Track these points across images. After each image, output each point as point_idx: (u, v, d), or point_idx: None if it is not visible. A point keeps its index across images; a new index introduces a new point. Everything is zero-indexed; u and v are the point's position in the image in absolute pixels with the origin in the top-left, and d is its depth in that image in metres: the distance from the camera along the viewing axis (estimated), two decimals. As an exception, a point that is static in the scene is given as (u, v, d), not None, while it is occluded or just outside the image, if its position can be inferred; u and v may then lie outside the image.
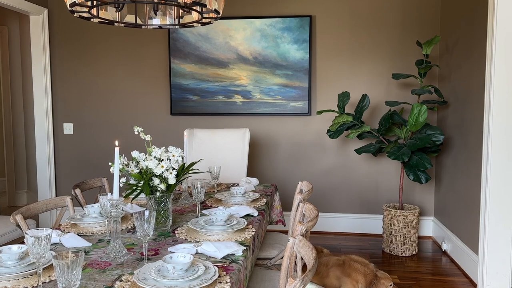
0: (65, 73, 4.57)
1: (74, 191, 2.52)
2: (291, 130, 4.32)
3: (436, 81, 4.10)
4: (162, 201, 1.94)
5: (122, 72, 4.49)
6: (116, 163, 1.62)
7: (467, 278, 3.25)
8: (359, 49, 4.17)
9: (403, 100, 4.07)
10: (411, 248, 3.74)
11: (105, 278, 1.42)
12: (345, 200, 4.33)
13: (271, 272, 2.21)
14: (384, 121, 3.71)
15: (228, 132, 3.59)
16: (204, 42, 4.28)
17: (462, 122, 3.47)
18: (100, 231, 1.95)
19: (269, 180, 4.36)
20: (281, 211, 2.99)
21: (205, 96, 4.34)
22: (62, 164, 4.67)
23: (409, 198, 4.24)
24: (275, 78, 4.23)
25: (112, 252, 1.61)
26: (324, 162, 4.31)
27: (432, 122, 4.12)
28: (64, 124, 4.62)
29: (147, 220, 1.54)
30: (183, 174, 1.96)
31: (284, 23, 4.17)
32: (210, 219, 1.96)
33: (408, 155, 3.40)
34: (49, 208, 2.19)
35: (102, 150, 4.58)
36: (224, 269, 1.50)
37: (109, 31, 4.45)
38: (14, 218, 1.90)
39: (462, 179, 3.46)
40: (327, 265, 3.00)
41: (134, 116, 4.51)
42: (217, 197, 2.56)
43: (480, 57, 3.09)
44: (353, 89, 4.18)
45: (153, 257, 1.62)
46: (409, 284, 3.15)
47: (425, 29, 4.06)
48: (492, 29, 2.88)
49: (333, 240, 4.14)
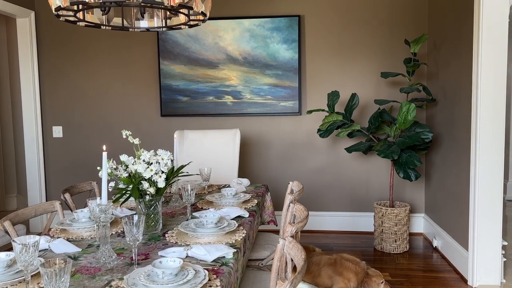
0: (53, 76, 4.53)
1: (64, 196, 2.50)
2: (282, 130, 4.32)
3: (424, 79, 4.13)
4: (152, 204, 1.94)
5: (112, 74, 4.47)
6: (104, 168, 1.62)
7: (457, 274, 3.28)
8: (348, 48, 4.19)
9: (392, 99, 4.09)
10: (402, 245, 3.77)
11: (94, 284, 1.42)
12: (337, 198, 4.35)
13: (263, 273, 2.22)
14: (373, 119, 3.73)
15: (218, 133, 3.58)
16: (193, 43, 4.26)
17: (450, 119, 3.51)
18: (89, 236, 1.94)
19: (261, 180, 4.36)
20: (273, 211, 3.00)
21: (195, 97, 4.33)
22: (52, 167, 4.63)
23: (400, 196, 4.27)
24: (265, 78, 4.23)
25: (102, 258, 1.60)
26: (315, 161, 4.33)
27: (421, 120, 4.15)
28: (54, 127, 4.59)
29: (136, 224, 1.54)
30: (173, 177, 1.96)
31: (273, 23, 4.17)
32: (200, 222, 1.96)
33: (397, 153, 3.43)
34: (38, 214, 2.17)
35: (92, 153, 4.55)
36: (214, 272, 1.50)
37: (98, 33, 4.42)
38: (2, 224, 1.88)
39: (451, 175, 3.49)
40: (319, 264, 3.01)
41: (124, 118, 4.49)
42: (208, 199, 2.56)
43: (467, 55, 3.11)
44: (343, 88, 4.20)
45: (143, 262, 1.62)
46: (400, 281, 3.17)
47: (413, 27, 4.09)
48: (478, 26, 2.90)
49: (325, 239, 4.16)
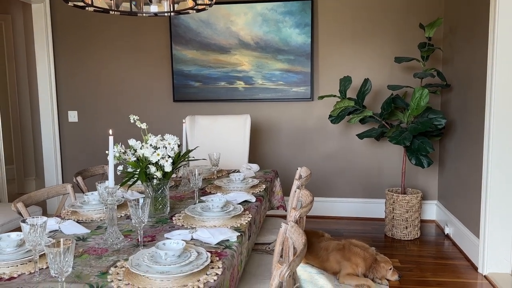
0: (68, 61, 4.59)
1: (76, 179, 2.56)
2: (293, 116, 4.31)
3: (439, 64, 4.05)
4: (159, 188, 1.97)
5: (125, 59, 4.50)
6: (110, 152, 1.65)
7: (468, 261, 3.26)
8: (362, 32, 4.12)
9: (406, 84, 4.03)
10: (413, 232, 3.75)
11: (100, 264, 1.46)
12: (348, 184, 4.34)
13: (268, 256, 2.25)
14: (386, 105, 3.69)
15: (229, 119, 3.60)
16: (205, 28, 4.26)
17: (464, 105, 3.44)
18: (99, 218, 1.99)
19: (271, 166, 4.37)
20: (282, 197, 3.01)
21: (207, 82, 4.34)
22: (67, 151, 4.73)
23: (412, 182, 4.23)
24: (277, 63, 4.21)
25: (109, 239, 1.65)
26: (326, 147, 4.31)
27: (435, 105, 4.08)
28: (69, 111, 4.67)
29: (142, 207, 1.57)
30: (179, 162, 1.99)
31: (286, 7, 4.13)
32: (207, 206, 1.99)
33: (409, 140, 3.39)
34: (50, 196, 2.23)
35: (106, 137, 4.62)
36: (217, 255, 1.52)
37: (111, 19, 4.45)
38: (16, 205, 1.94)
39: (464, 162, 3.45)
40: (327, 249, 3.03)
41: (137, 103, 4.54)
42: (217, 184, 2.59)
43: (483, 39, 3.04)
44: (356, 73, 4.15)
45: (149, 243, 1.65)
46: (409, 268, 3.17)
47: (428, 11, 4.00)
48: (494, 10, 2.82)
49: (335, 225, 4.17)
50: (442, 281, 2.96)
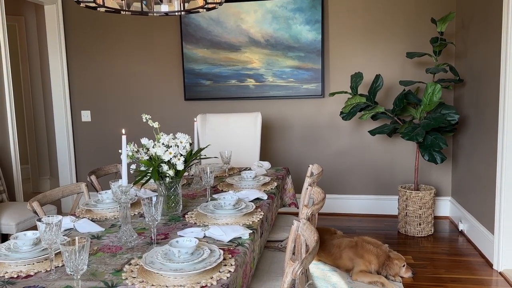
0: (81, 61, 4.64)
1: (90, 178, 2.59)
2: (304, 113, 4.30)
3: (452, 59, 4.01)
4: (171, 186, 1.98)
5: (136, 59, 4.54)
6: (123, 151, 1.67)
7: (483, 258, 3.23)
8: (372, 28, 4.09)
9: (418, 79, 3.99)
10: (427, 228, 3.72)
11: (115, 262, 1.48)
12: (360, 181, 4.32)
13: (281, 254, 2.25)
14: (398, 101, 3.66)
15: (240, 117, 3.60)
16: (216, 26, 4.27)
17: (478, 100, 3.40)
18: (113, 216, 2.01)
19: (283, 164, 4.37)
20: (294, 194, 3.01)
21: (218, 80, 4.35)
22: (81, 151, 4.78)
23: (425, 179, 4.19)
24: (287, 60, 4.20)
25: (123, 237, 1.67)
26: (338, 144, 4.30)
27: (448, 101, 4.04)
28: (82, 111, 4.72)
29: (155, 205, 1.58)
30: (191, 160, 2.00)
31: (296, 4, 4.11)
32: (219, 204, 2.00)
33: (422, 136, 3.36)
34: (65, 195, 2.26)
35: (119, 136, 4.67)
36: (230, 252, 1.53)
37: (122, 18, 4.48)
38: (31, 205, 1.98)
39: (478, 158, 3.40)
40: (340, 247, 3.02)
41: (149, 102, 4.57)
42: (228, 182, 2.60)
43: (496, 33, 2.99)
44: (367, 69, 4.12)
45: (162, 241, 1.67)
46: (423, 264, 3.15)
47: (440, 5, 3.95)
48: (508, 3, 2.78)
49: (348, 222, 4.15)
50: (456, 277, 2.94)
